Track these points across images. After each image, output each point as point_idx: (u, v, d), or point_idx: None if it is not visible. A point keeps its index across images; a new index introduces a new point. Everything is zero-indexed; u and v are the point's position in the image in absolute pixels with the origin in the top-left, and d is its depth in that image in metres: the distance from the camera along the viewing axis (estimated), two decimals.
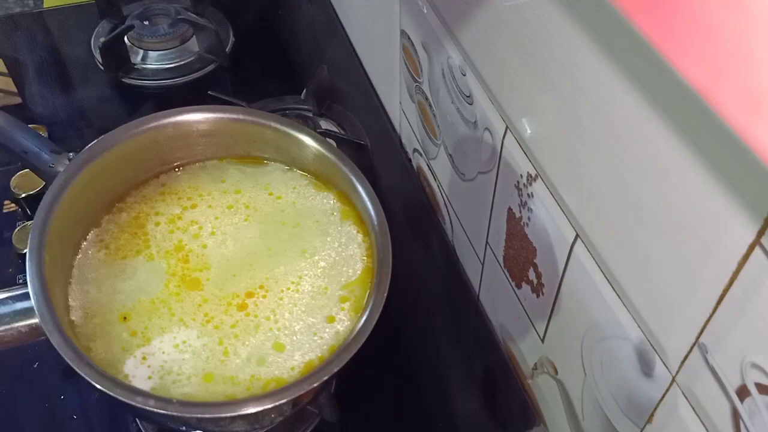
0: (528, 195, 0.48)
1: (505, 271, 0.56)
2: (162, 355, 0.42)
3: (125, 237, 0.47)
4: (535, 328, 0.53)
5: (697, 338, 0.34)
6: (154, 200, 0.49)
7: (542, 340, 0.53)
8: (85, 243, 0.47)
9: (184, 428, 0.44)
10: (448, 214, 0.67)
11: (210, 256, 0.46)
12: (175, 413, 0.39)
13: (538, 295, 0.51)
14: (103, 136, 0.49)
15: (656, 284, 0.37)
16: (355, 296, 0.46)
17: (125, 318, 0.43)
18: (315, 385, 0.40)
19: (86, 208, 0.47)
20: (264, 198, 0.49)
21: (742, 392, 0.32)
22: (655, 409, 0.40)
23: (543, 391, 0.55)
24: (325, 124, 0.92)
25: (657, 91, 0.32)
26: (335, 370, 0.41)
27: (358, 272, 0.46)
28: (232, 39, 1.00)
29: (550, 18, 0.39)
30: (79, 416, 0.69)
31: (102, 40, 0.90)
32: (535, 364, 0.55)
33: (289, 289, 0.45)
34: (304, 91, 0.94)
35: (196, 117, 0.50)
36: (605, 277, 0.41)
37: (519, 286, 0.54)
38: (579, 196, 0.42)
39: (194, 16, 0.96)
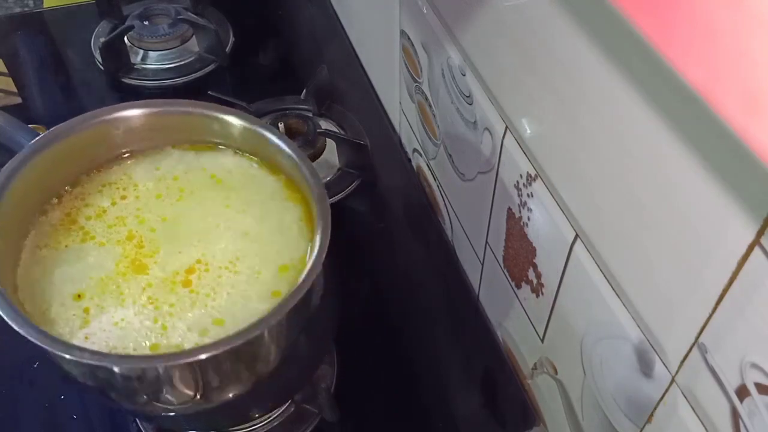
0: (528, 195, 0.48)
1: (505, 271, 0.56)
2: (103, 333, 0.43)
3: (64, 227, 0.48)
4: (534, 328, 0.53)
5: (697, 338, 0.34)
6: (94, 194, 0.50)
7: (542, 340, 0.53)
8: (33, 232, 0.48)
9: (145, 399, 0.44)
10: (448, 214, 0.67)
11: (152, 239, 0.47)
12: (109, 365, 0.39)
13: (537, 295, 0.51)
14: (48, 131, 0.49)
15: (656, 284, 0.37)
16: (296, 270, 0.46)
17: (80, 296, 0.44)
18: (255, 333, 0.40)
19: (31, 199, 0.48)
20: (205, 181, 0.50)
21: (742, 392, 0.32)
22: (655, 409, 0.40)
23: (543, 391, 0.55)
24: (325, 124, 0.92)
25: (657, 91, 0.32)
26: (273, 323, 0.41)
27: (301, 252, 0.47)
28: (232, 39, 1.00)
29: (550, 18, 0.39)
30: (79, 416, 0.69)
31: (102, 40, 0.90)
32: (535, 364, 0.55)
33: (227, 268, 0.46)
34: (304, 91, 0.94)
35: (138, 112, 0.51)
36: (605, 277, 0.41)
37: (519, 286, 0.54)
38: (579, 196, 0.42)
39: (194, 16, 0.96)
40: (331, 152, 0.89)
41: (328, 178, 0.88)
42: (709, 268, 0.32)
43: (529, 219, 0.49)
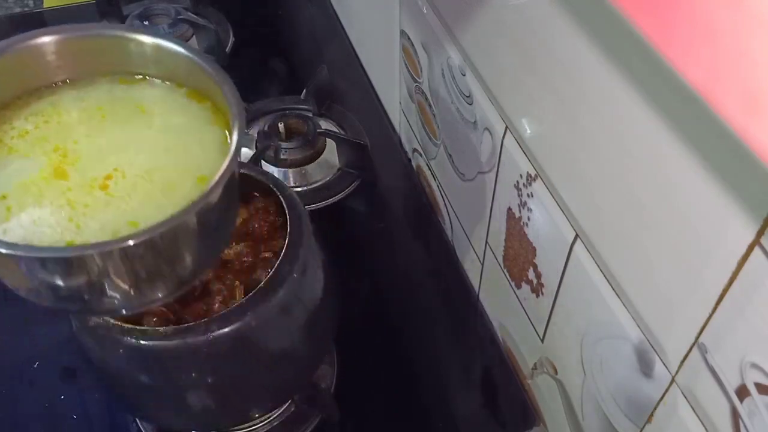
0: (528, 195, 0.48)
1: (505, 271, 0.56)
2: (20, 229, 0.45)
3: None
4: (534, 328, 0.53)
5: (697, 338, 0.34)
6: (20, 119, 0.51)
7: (542, 340, 0.53)
8: None
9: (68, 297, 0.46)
10: (448, 214, 0.67)
11: (75, 150, 0.49)
12: (21, 253, 0.42)
13: (537, 295, 0.51)
14: None
15: (656, 284, 0.37)
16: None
17: (4, 197, 0.46)
18: (171, 225, 0.42)
19: None
20: (131, 110, 0.52)
21: (742, 392, 0.32)
22: (655, 409, 0.40)
23: (543, 391, 0.56)
24: (325, 124, 0.92)
25: (657, 91, 0.32)
26: (194, 210, 0.43)
27: (219, 166, 0.48)
28: (232, 39, 1.01)
29: (550, 18, 0.39)
30: (79, 416, 0.69)
31: None
32: (535, 364, 0.55)
33: (143, 177, 0.48)
34: (304, 91, 0.94)
35: (52, 38, 0.51)
36: (605, 277, 0.41)
37: (519, 286, 0.54)
38: (579, 196, 0.42)
39: (194, 16, 0.96)
40: (331, 152, 0.89)
41: (328, 178, 0.88)
42: (709, 268, 0.32)
43: (529, 219, 0.49)
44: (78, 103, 0.52)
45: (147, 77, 0.54)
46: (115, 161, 0.48)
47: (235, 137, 0.46)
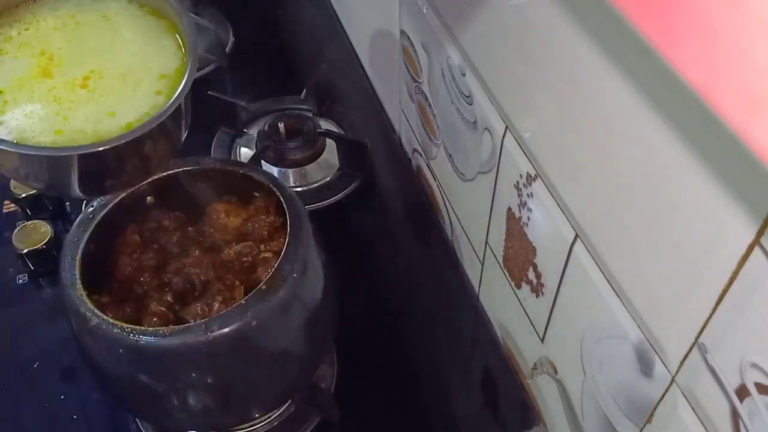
0: (528, 195, 0.48)
1: (505, 271, 0.56)
2: (15, 120, 0.52)
3: None
4: (534, 328, 0.53)
5: (697, 338, 0.34)
6: (5, 26, 0.58)
7: (542, 340, 0.53)
8: None
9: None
10: (448, 214, 0.67)
11: (58, 53, 0.57)
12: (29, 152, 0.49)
13: (537, 295, 0.51)
14: None
15: (656, 284, 0.37)
16: (172, 79, 0.57)
17: (1, 92, 0.53)
18: (153, 125, 0.50)
19: None
20: (98, 19, 0.60)
21: (742, 392, 0.32)
22: (655, 408, 0.40)
23: (543, 390, 0.56)
24: (325, 124, 0.92)
25: (657, 91, 0.32)
26: (172, 109, 0.51)
27: (177, 64, 0.58)
28: (232, 39, 1.01)
29: (549, 18, 0.39)
30: (79, 416, 0.69)
31: None
32: (535, 364, 0.55)
33: (117, 78, 0.56)
34: (304, 91, 0.94)
35: None
36: (605, 277, 0.41)
37: (519, 286, 0.54)
38: (578, 197, 0.42)
39: (194, 16, 0.96)
40: (331, 152, 0.89)
41: (328, 178, 0.88)
42: (709, 268, 0.32)
43: (529, 219, 0.49)
44: (53, 12, 0.60)
45: None
46: (94, 63, 0.56)
47: (190, 58, 0.57)
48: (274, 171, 0.86)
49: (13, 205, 0.87)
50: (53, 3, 0.61)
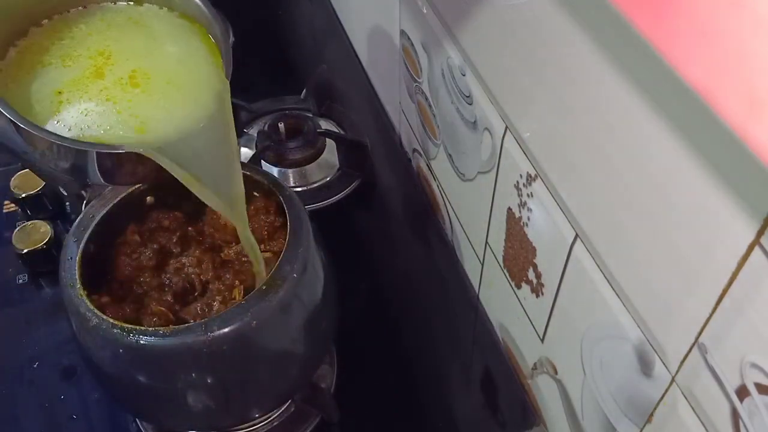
0: (528, 195, 0.48)
1: (505, 271, 0.56)
2: (71, 119, 0.53)
3: (41, 48, 0.58)
4: (534, 328, 0.53)
5: (697, 338, 0.34)
6: (58, 30, 0.60)
7: (542, 340, 0.53)
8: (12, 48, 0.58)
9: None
10: (448, 214, 0.67)
11: (114, 54, 0.59)
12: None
13: (537, 295, 0.51)
14: None
15: (656, 284, 0.37)
16: (212, 84, 0.61)
17: (60, 93, 0.55)
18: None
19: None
20: (140, 26, 0.62)
21: (742, 392, 0.32)
22: (655, 409, 0.40)
23: (543, 391, 0.56)
24: (325, 124, 0.92)
25: (657, 91, 0.32)
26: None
27: (214, 69, 0.62)
28: (232, 39, 1.00)
29: (550, 18, 0.39)
30: (79, 416, 0.69)
31: None
32: (535, 364, 0.55)
33: (164, 79, 0.58)
34: (304, 91, 0.94)
35: None
36: (605, 277, 0.41)
37: (519, 286, 0.54)
38: (578, 196, 0.42)
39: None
40: (331, 152, 0.89)
41: (328, 178, 0.88)
42: (709, 268, 0.32)
43: (529, 219, 0.49)
44: (102, 23, 0.62)
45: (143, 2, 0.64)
46: (143, 64, 0.59)
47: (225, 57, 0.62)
48: (274, 171, 0.86)
49: (13, 205, 0.87)
50: (104, 12, 0.63)
